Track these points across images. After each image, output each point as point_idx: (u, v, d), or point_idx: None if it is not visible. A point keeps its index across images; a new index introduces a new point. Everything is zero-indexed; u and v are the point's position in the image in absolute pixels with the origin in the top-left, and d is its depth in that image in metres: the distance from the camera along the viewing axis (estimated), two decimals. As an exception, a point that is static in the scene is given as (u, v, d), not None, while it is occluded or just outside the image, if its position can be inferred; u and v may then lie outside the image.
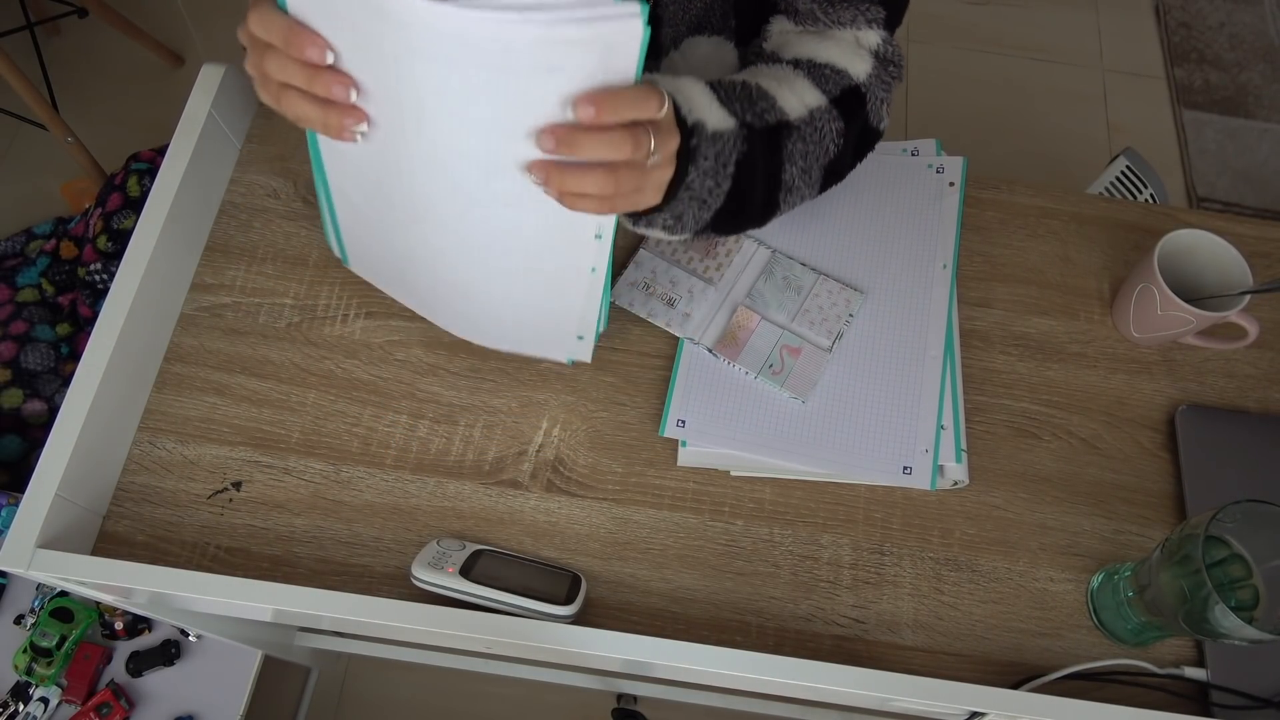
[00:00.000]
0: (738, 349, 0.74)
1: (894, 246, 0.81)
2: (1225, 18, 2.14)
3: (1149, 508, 0.74)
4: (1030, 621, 0.70)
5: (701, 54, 0.87)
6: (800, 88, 0.70)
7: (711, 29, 0.85)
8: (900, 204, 0.83)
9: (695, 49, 0.86)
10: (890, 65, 0.73)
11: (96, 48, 1.94)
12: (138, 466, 0.71)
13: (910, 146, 0.86)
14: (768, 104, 0.68)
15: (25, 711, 1.05)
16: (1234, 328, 0.76)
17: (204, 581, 0.61)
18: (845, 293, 0.77)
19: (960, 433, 0.73)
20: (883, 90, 0.73)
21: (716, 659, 0.60)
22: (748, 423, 0.73)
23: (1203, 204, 1.90)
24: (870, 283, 0.79)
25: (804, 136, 0.69)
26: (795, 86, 0.70)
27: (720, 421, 0.73)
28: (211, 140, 0.79)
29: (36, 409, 1.43)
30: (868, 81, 0.72)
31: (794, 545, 0.71)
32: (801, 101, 0.69)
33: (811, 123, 0.69)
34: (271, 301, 0.78)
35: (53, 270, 1.58)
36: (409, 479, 0.72)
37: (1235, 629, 0.56)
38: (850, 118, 0.71)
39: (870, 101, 0.72)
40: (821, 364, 0.74)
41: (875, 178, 0.84)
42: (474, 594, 0.63)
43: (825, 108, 0.70)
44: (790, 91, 0.70)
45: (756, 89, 0.69)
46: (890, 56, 0.73)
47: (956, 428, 0.73)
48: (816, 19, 0.73)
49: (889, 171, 0.84)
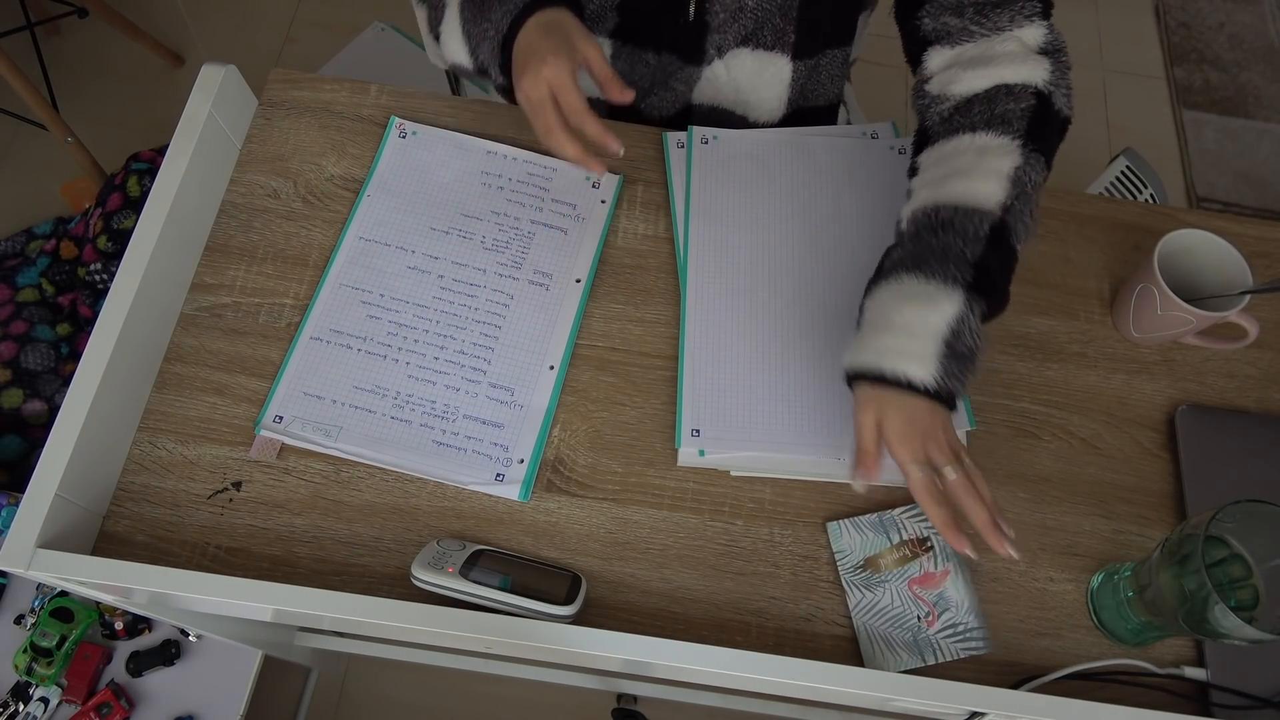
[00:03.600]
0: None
1: (860, 226, 0.82)
2: (1225, 18, 2.14)
3: (1149, 508, 0.74)
4: (1030, 621, 0.70)
5: (747, 67, 0.86)
6: (992, 162, 0.67)
7: (762, 43, 0.84)
8: (862, 185, 0.84)
9: (740, 61, 0.86)
10: (1060, 53, 0.71)
11: (96, 48, 1.95)
12: (138, 466, 0.71)
13: (869, 130, 0.87)
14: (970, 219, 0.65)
15: (25, 711, 1.05)
16: (1234, 328, 0.76)
17: (204, 581, 0.61)
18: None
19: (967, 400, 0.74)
20: (1063, 82, 0.70)
21: (716, 659, 0.60)
22: (761, 421, 0.73)
23: (1203, 204, 1.90)
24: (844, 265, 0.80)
25: (1014, 210, 0.67)
26: (985, 165, 0.67)
27: (735, 425, 0.73)
28: (211, 140, 0.79)
29: (36, 409, 1.43)
30: (1051, 81, 0.70)
31: (794, 545, 0.71)
32: (999, 177, 0.67)
33: (1018, 189, 0.67)
34: (271, 301, 0.78)
35: (53, 270, 1.58)
36: (409, 479, 0.72)
37: (1235, 629, 0.56)
38: (1046, 134, 0.69)
39: (1057, 99, 0.70)
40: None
41: (837, 162, 0.85)
42: (474, 594, 0.63)
43: (1022, 161, 0.67)
44: (983, 178, 0.67)
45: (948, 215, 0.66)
46: (1059, 45, 0.71)
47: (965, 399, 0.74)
48: (972, 33, 0.71)
49: (851, 154, 0.86)
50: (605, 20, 0.84)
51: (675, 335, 0.78)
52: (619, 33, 0.85)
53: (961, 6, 0.71)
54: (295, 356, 0.75)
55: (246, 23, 1.99)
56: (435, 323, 0.77)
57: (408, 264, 0.79)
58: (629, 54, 0.87)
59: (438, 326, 0.77)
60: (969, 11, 0.71)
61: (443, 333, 0.77)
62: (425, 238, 0.81)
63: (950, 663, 0.68)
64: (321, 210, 0.82)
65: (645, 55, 0.87)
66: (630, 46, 0.86)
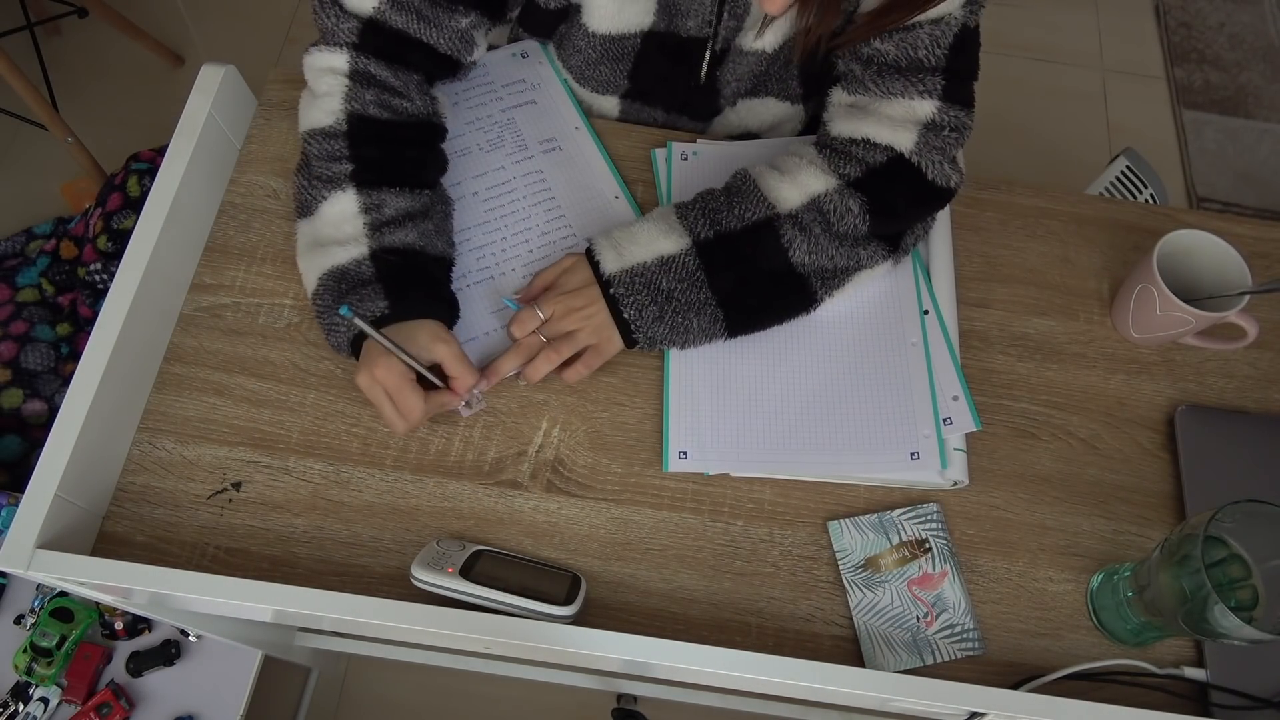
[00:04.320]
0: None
1: None
2: (1225, 18, 2.14)
3: (1149, 508, 0.74)
4: (1030, 622, 0.70)
5: (756, 113, 0.90)
6: (805, 177, 0.74)
7: (770, 93, 0.88)
8: None
9: (750, 108, 0.90)
10: (946, 130, 0.73)
11: (96, 48, 1.94)
12: (137, 467, 0.71)
13: None
14: (754, 202, 0.74)
15: (25, 711, 1.05)
16: (1233, 328, 0.76)
17: (204, 582, 0.61)
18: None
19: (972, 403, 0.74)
20: (937, 155, 0.74)
21: (716, 659, 0.60)
22: (750, 438, 0.73)
23: (1202, 204, 1.90)
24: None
25: (800, 224, 0.73)
26: (799, 177, 0.74)
27: (722, 444, 0.73)
28: (211, 140, 0.79)
29: (36, 409, 1.43)
30: (916, 149, 0.73)
31: (794, 545, 0.71)
32: (802, 191, 0.73)
33: (814, 210, 0.73)
34: (271, 301, 0.78)
35: (53, 270, 1.58)
36: (409, 479, 0.72)
37: (1235, 629, 0.56)
38: (886, 187, 0.73)
39: (927, 169, 0.73)
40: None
41: None
42: (474, 594, 0.63)
43: (833, 190, 0.73)
44: (792, 183, 0.73)
45: (748, 189, 0.75)
46: (946, 122, 0.73)
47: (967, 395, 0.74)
48: (867, 89, 0.74)
49: None
50: (616, 85, 0.86)
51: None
52: (630, 94, 0.88)
53: (869, 60, 0.73)
54: None
55: (246, 23, 1.99)
56: (505, 227, 0.81)
57: None
58: (637, 109, 0.90)
59: (510, 229, 0.81)
60: (873, 68, 0.73)
61: (517, 230, 0.81)
62: None
63: (950, 663, 0.68)
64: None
65: (654, 113, 0.90)
66: (639, 103, 0.89)
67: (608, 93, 0.87)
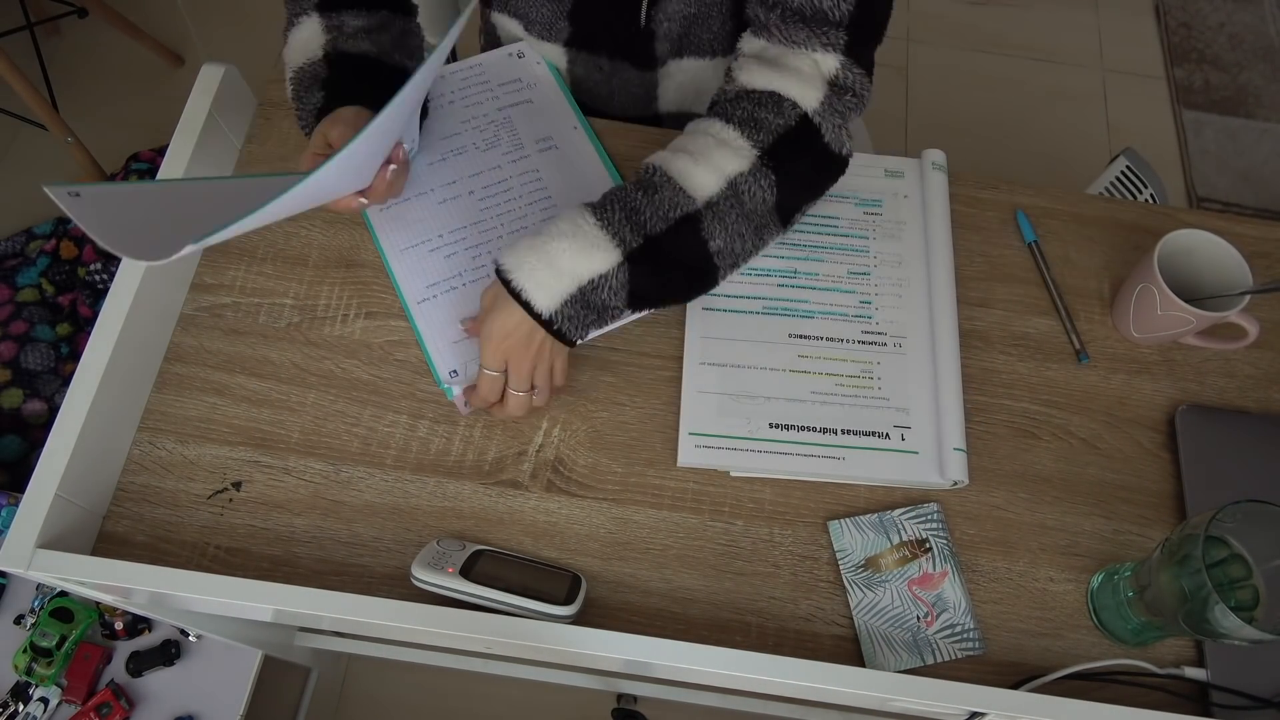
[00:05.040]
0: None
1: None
2: (1225, 18, 2.14)
3: (1149, 508, 0.74)
4: (1030, 621, 0.70)
5: (700, 70, 0.89)
6: (719, 157, 0.70)
7: (706, 49, 0.87)
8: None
9: (692, 64, 0.89)
10: (848, 93, 0.72)
11: (96, 48, 1.94)
12: (138, 466, 0.71)
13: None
14: (671, 197, 0.69)
15: (25, 711, 1.05)
16: (1234, 328, 0.76)
17: (204, 582, 0.61)
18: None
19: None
20: (838, 119, 0.72)
21: (716, 659, 0.60)
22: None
23: (1203, 204, 1.90)
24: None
25: (718, 213, 0.70)
26: (714, 158, 0.70)
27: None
28: (211, 140, 0.79)
29: (36, 409, 1.43)
30: (820, 110, 0.71)
31: (794, 545, 0.71)
32: (719, 175, 0.70)
33: (731, 193, 0.70)
34: (271, 301, 0.78)
35: (53, 270, 1.58)
36: (409, 479, 0.72)
37: (1235, 629, 0.56)
38: (793, 157, 0.71)
39: (826, 131, 0.71)
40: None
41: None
42: (474, 594, 0.63)
43: (749, 170, 0.70)
44: (707, 168, 0.70)
45: (661, 181, 0.70)
46: (848, 84, 0.71)
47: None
48: (771, 34, 0.72)
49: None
50: (558, 29, 0.86)
51: (675, 335, 0.78)
52: (572, 40, 0.87)
53: (774, 4, 0.71)
54: (421, 323, 0.76)
55: (246, 23, 1.99)
56: (501, 224, 0.81)
57: (436, 201, 0.82)
58: (583, 60, 0.89)
59: (506, 228, 0.81)
60: (776, 12, 0.71)
61: (513, 229, 0.81)
62: (431, 175, 0.83)
63: (950, 663, 0.68)
64: (321, 210, 0.82)
65: (599, 60, 0.89)
66: (584, 53, 0.88)
67: (552, 39, 0.87)
